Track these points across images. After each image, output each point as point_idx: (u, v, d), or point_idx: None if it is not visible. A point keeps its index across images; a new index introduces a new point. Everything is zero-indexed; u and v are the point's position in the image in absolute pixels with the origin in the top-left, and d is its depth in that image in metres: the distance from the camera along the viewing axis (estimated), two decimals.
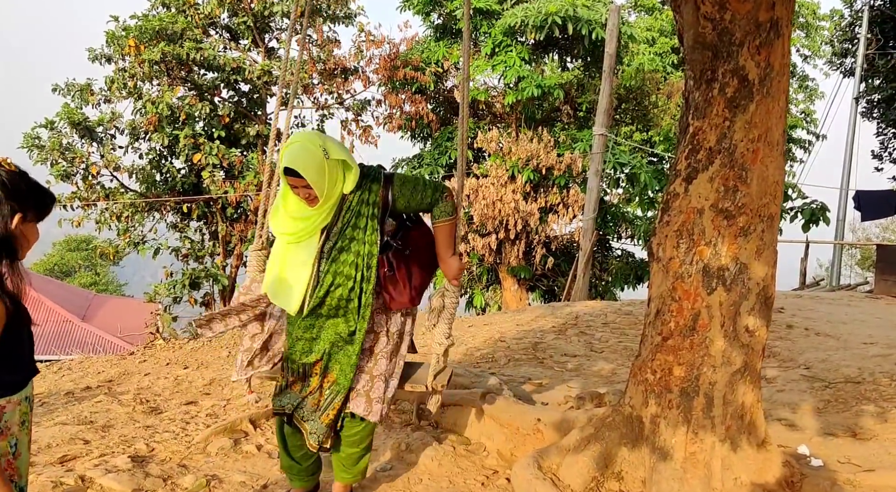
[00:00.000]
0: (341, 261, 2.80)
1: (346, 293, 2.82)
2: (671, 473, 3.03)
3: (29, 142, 13.95)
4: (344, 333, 2.87)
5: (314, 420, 2.93)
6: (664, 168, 16.23)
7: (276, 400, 3.02)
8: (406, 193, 2.88)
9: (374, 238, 2.81)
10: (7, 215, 1.77)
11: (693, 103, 3.13)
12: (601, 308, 8.36)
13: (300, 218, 2.81)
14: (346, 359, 2.90)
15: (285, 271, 2.87)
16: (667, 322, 3.15)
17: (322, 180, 2.70)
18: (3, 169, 1.80)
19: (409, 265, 2.94)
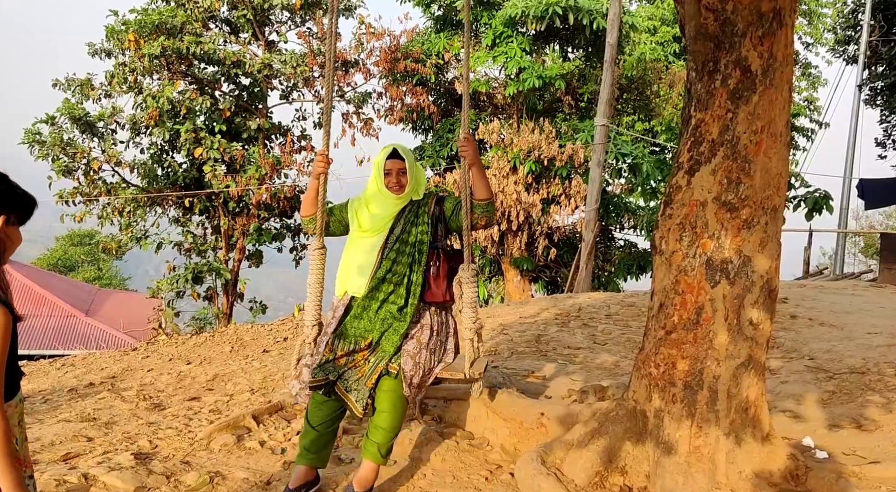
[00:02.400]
0: (400, 250, 3.34)
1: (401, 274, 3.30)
2: (675, 467, 3.02)
3: (30, 137, 13.92)
4: (395, 311, 3.27)
5: (358, 389, 3.18)
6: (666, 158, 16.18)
7: (317, 371, 3.21)
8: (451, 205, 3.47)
9: (426, 237, 3.37)
10: None
11: (695, 95, 3.11)
12: (604, 300, 8.34)
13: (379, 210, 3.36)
14: (394, 334, 3.25)
15: (358, 257, 3.38)
16: (670, 316, 3.13)
17: (413, 171, 3.35)
18: None
19: (448, 266, 3.43)
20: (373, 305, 3.30)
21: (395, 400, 3.20)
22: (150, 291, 15.28)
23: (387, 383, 3.20)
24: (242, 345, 7.37)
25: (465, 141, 3.38)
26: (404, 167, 3.33)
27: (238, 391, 5.25)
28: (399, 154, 3.34)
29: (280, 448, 3.88)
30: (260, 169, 14.41)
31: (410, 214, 3.39)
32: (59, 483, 3.25)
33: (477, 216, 3.41)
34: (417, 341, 3.28)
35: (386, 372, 3.21)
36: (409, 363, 3.21)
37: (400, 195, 3.34)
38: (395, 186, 3.34)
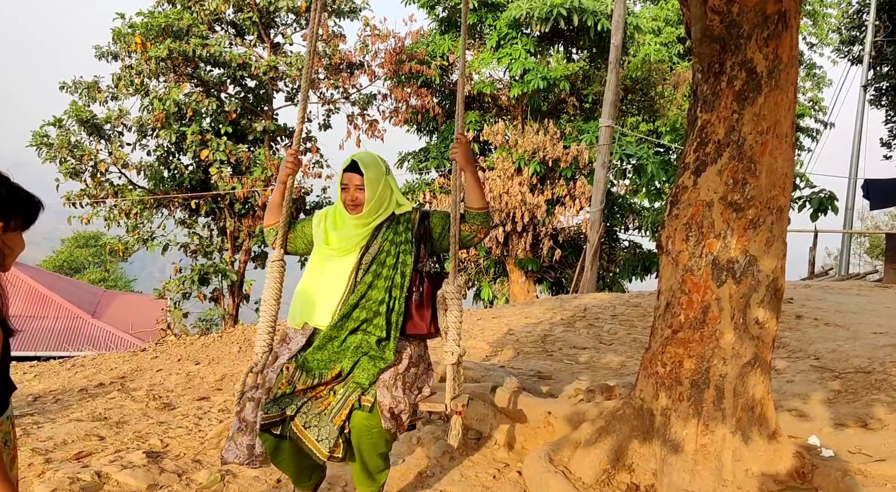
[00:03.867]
0: (377, 273, 2.87)
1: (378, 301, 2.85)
2: (682, 465, 3.05)
3: (38, 140, 14.00)
4: (372, 342, 2.82)
5: (324, 425, 2.70)
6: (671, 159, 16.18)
7: (269, 406, 2.71)
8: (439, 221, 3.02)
9: (409, 258, 2.90)
10: None
11: (701, 96, 3.14)
12: (610, 300, 8.37)
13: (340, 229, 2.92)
14: (371, 365, 2.78)
15: (324, 280, 2.91)
16: (677, 315, 3.16)
17: (376, 187, 2.83)
18: None
19: (433, 292, 2.96)
20: (341, 335, 2.83)
21: (376, 438, 2.74)
22: (157, 292, 15.35)
23: (360, 419, 2.71)
24: (250, 345, 7.42)
25: (457, 142, 3.01)
26: (361, 183, 2.81)
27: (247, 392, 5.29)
28: (358, 167, 2.82)
29: None
30: (266, 171, 14.46)
31: (389, 230, 2.92)
32: (72, 481, 3.29)
33: (472, 229, 2.97)
34: (395, 371, 2.82)
35: (358, 406, 2.72)
36: (386, 396, 2.74)
37: (354, 215, 2.86)
38: (350, 203, 2.86)
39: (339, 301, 2.86)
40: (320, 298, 2.90)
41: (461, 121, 3.20)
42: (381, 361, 2.79)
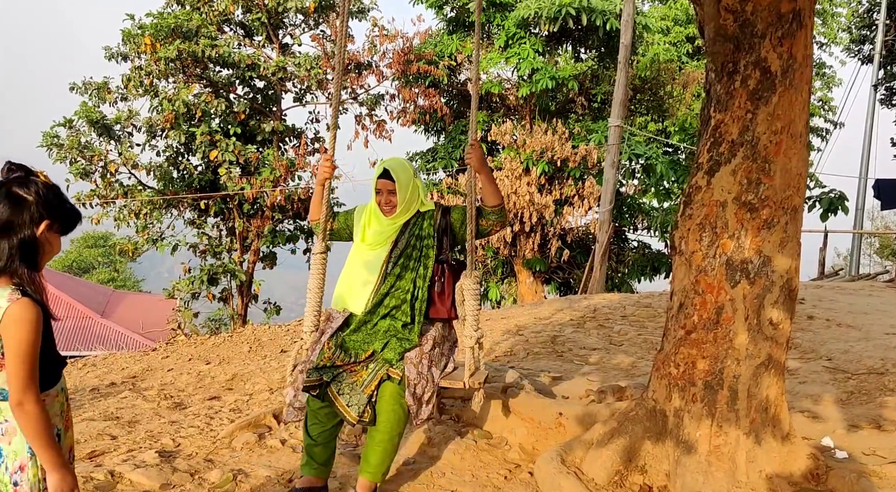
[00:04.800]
0: (404, 265, 3.26)
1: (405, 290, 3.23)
2: (696, 466, 3.04)
3: (48, 141, 14.07)
4: (398, 327, 3.21)
5: (354, 394, 3.08)
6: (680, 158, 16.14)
7: (311, 371, 3.13)
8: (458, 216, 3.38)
9: (432, 251, 3.29)
10: (35, 220, 1.90)
11: (714, 96, 3.13)
12: (619, 301, 8.35)
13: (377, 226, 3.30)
14: (398, 345, 3.16)
15: (360, 271, 3.30)
16: (690, 316, 3.15)
17: (406, 191, 3.24)
18: (39, 180, 1.94)
19: (453, 281, 3.36)
20: (373, 319, 3.23)
21: (396, 407, 3.09)
22: (167, 292, 15.40)
23: (389, 388, 3.10)
24: (260, 345, 7.44)
25: (471, 147, 3.32)
26: (394, 188, 3.23)
27: (257, 391, 5.31)
28: (389, 174, 3.24)
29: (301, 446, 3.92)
30: (274, 171, 14.50)
31: (415, 226, 3.32)
32: (86, 480, 3.30)
33: (489, 223, 3.35)
34: (420, 350, 3.19)
35: (387, 377, 3.12)
36: (412, 371, 3.12)
37: (390, 216, 3.27)
38: (384, 205, 3.27)
39: (372, 290, 3.24)
40: (357, 287, 3.29)
41: (475, 126, 3.55)
42: (406, 341, 3.18)
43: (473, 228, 3.30)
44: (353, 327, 3.23)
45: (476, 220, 3.32)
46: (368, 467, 3.16)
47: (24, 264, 1.88)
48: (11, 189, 1.89)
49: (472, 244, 3.34)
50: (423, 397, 3.12)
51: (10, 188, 1.90)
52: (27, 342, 1.84)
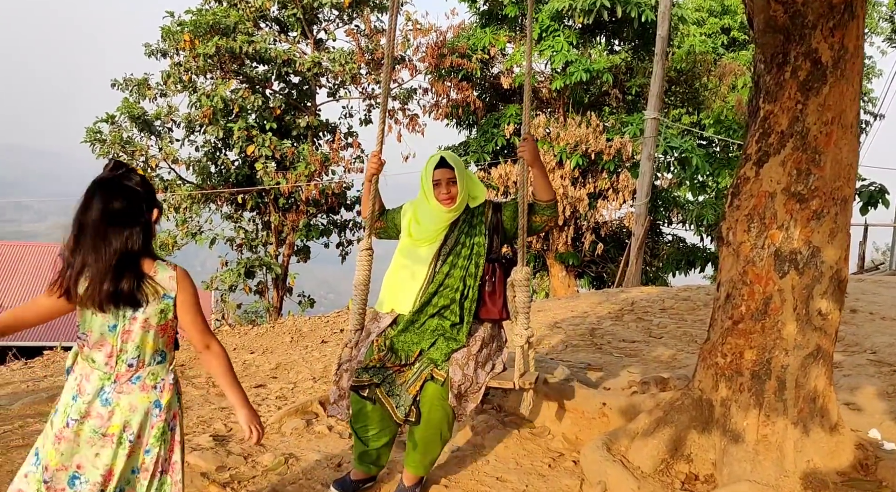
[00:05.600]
0: (453, 263, 3.17)
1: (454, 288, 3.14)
2: (743, 455, 3.06)
3: (91, 136, 14.41)
4: (447, 326, 3.12)
5: (401, 394, 3.02)
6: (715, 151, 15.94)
7: (360, 372, 3.08)
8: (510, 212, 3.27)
9: (483, 249, 3.18)
10: (147, 208, 2.15)
11: (763, 87, 3.13)
12: (657, 294, 8.33)
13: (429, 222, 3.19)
14: (445, 345, 3.09)
15: (407, 269, 3.22)
16: (737, 306, 3.16)
17: (464, 181, 3.14)
18: (137, 175, 2.16)
19: (504, 280, 3.23)
20: (421, 318, 3.14)
21: (440, 409, 3.02)
22: (205, 284, 15.69)
23: (431, 389, 3.02)
24: (301, 336, 7.57)
25: (524, 141, 3.18)
26: (454, 176, 3.11)
27: (301, 379, 5.42)
28: (448, 163, 3.12)
29: (348, 433, 4.01)
30: (309, 166, 14.67)
31: (465, 223, 3.20)
32: None
33: (542, 219, 3.23)
34: (467, 352, 3.09)
35: (431, 378, 3.04)
36: (457, 373, 3.03)
37: (451, 208, 3.14)
38: (445, 197, 3.13)
39: (419, 289, 3.16)
40: (403, 286, 3.20)
41: (528, 120, 3.47)
42: (454, 342, 3.10)
43: (525, 222, 3.18)
44: (402, 327, 3.16)
45: (528, 216, 3.21)
46: (412, 462, 3.15)
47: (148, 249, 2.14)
48: (122, 183, 2.11)
49: (523, 240, 3.21)
50: (467, 398, 3.05)
51: (122, 183, 2.11)
52: (197, 297, 2.21)
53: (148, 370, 2.17)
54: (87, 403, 2.13)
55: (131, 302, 2.09)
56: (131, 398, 2.15)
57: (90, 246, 2.06)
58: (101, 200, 2.07)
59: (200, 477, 3.32)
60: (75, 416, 2.12)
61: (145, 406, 2.16)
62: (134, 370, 2.15)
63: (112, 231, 2.06)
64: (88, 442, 2.13)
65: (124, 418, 2.14)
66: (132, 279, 2.08)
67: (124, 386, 2.14)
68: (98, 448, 2.13)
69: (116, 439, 2.13)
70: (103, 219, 2.06)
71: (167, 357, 2.22)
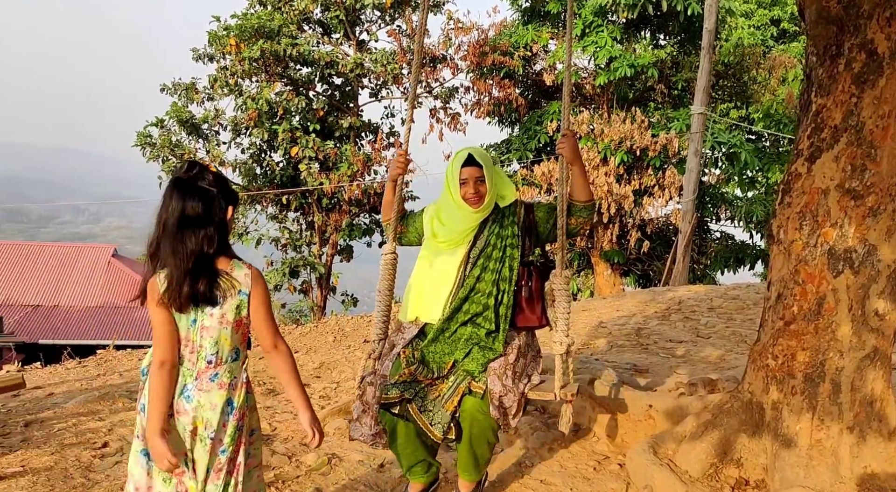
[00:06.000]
0: (484, 266, 2.95)
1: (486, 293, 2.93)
2: (796, 460, 2.96)
3: (142, 140, 14.78)
4: (482, 334, 2.91)
5: (437, 410, 2.84)
6: (765, 146, 15.56)
7: (389, 388, 2.86)
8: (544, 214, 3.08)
9: (516, 252, 2.97)
10: (224, 207, 2.20)
11: (816, 80, 3.02)
12: (705, 293, 8.15)
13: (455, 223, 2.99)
14: (480, 355, 2.88)
15: (434, 273, 3.02)
16: (789, 306, 3.06)
17: (492, 179, 2.93)
18: (210, 173, 2.20)
19: (541, 284, 3.03)
20: (452, 327, 2.93)
21: (482, 422, 2.83)
22: None
23: (471, 403, 2.82)
24: (344, 335, 7.63)
25: (564, 137, 3.00)
26: (482, 174, 2.91)
27: (344, 379, 5.45)
28: (475, 160, 2.91)
29: None
30: (352, 166, 14.79)
31: (495, 224, 2.99)
32: None
33: (578, 221, 3.01)
34: (504, 361, 2.89)
35: (469, 392, 2.84)
36: (496, 384, 2.83)
37: (479, 208, 2.94)
38: (472, 196, 2.92)
39: (448, 295, 2.96)
40: (430, 293, 3.00)
41: (568, 115, 3.25)
42: (490, 351, 2.89)
43: (564, 222, 2.98)
44: (432, 337, 2.93)
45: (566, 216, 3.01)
46: (466, 473, 3.03)
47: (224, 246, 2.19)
48: (197, 184, 2.16)
49: (563, 241, 3.01)
50: (511, 410, 2.85)
51: (196, 184, 2.16)
52: (269, 296, 2.25)
53: (225, 368, 2.21)
54: (175, 399, 2.20)
55: (209, 301, 2.15)
56: (210, 396, 2.19)
57: (169, 249, 2.13)
58: (177, 202, 2.13)
59: None
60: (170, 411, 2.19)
61: (222, 404, 2.20)
62: (213, 367, 2.19)
63: (187, 233, 2.12)
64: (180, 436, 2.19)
65: (205, 416, 2.19)
66: (208, 279, 2.14)
67: (204, 383, 2.19)
68: (189, 443, 2.19)
69: (199, 436, 2.19)
70: (179, 221, 2.12)
71: (241, 355, 2.25)
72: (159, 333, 2.17)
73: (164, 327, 2.16)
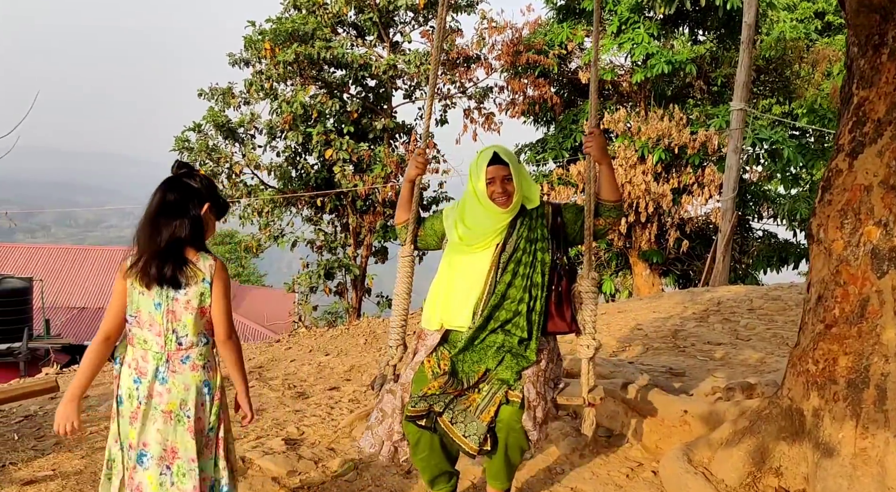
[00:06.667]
0: (514, 271, 2.84)
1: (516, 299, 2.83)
2: (839, 469, 2.82)
3: (180, 145, 15.01)
4: (514, 343, 2.82)
5: (469, 422, 2.75)
6: (809, 142, 15.12)
7: (416, 401, 2.78)
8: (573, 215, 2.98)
9: (547, 255, 2.87)
10: (200, 203, 2.42)
11: (857, 71, 2.88)
12: (745, 293, 7.93)
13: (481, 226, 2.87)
14: (514, 363, 2.79)
15: (461, 280, 2.91)
16: (830, 309, 2.92)
17: (520, 178, 2.84)
18: (198, 174, 2.47)
19: (569, 288, 2.93)
20: (482, 335, 2.83)
21: (519, 432, 2.76)
22: (287, 286, 16.08)
23: (508, 413, 2.75)
24: (375, 338, 7.61)
25: (591, 135, 2.90)
26: (509, 173, 2.80)
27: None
28: (501, 158, 2.81)
29: None
30: (385, 168, 14.80)
31: (523, 227, 2.87)
32: None
33: (606, 222, 2.93)
34: (537, 368, 2.82)
35: (506, 401, 2.76)
36: (531, 391, 2.77)
37: (508, 208, 2.82)
38: (500, 195, 2.81)
39: (477, 301, 2.84)
40: (457, 299, 2.88)
41: (595, 112, 3.14)
42: (523, 359, 2.79)
43: (592, 223, 2.90)
44: (462, 346, 2.83)
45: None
46: (498, 481, 2.96)
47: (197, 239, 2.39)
48: (182, 180, 2.43)
49: (590, 242, 2.93)
50: (543, 420, 2.82)
51: (181, 179, 2.43)
52: (229, 289, 2.44)
53: (196, 351, 2.39)
54: (148, 383, 2.35)
55: (173, 283, 2.34)
56: (184, 378, 2.37)
57: (147, 232, 2.37)
58: (160, 195, 2.39)
59: (271, 482, 3.34)
60: (143, 396, 2.35)
61: (197, 385, 2.38)
62: (184, 350, 2.37)
63: (163, 221, 2.35)
64: (151, 419, 2.34)
65: (180, 397, 2.35)
66: (175, 263, 2.34)
67: (176, 366, 2.37)
68: (160, 424, 2.34)
69: (175, 416, 2.35)
70: (158, 210, 2.37)
71: (210, 340, 2.45)
72: (112, 304, 2.41)
73: (118, 299, 2.40)
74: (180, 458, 2.35)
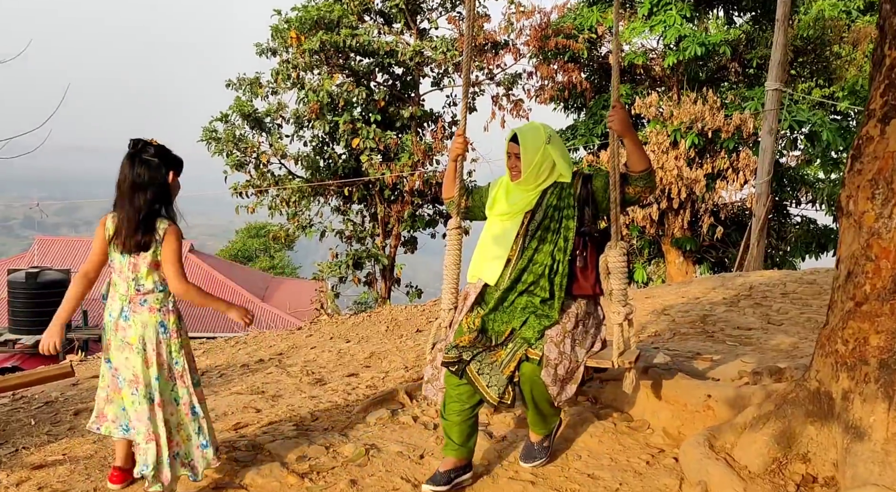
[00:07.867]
0: (542, 238, 3.12)
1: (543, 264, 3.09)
2: (870, 455, 2.65)
3: (207, 135, 15.10)
4: (537, 303, 3.08)
5: (494, 374, 3.03)
6: (850, 125, 14.63)
7: (449, 350, 3.10)
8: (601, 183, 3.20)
9: (572, 222, 3.10)
10: (165, 173, 2.86)
11: (890, 31, 2.69)
12: (779, 278, 7.66)
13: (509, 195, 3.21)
14: (537, 322, 3.04)
15: (492, 245, 3.21)
16: (861, 285, 2.74)
17: (532, 156, 3.09)
18: (152, 147, 2.83)
19: (597, 254, 3.18)
20: (510, 297, 3.12)
21: (542, 387, 3.03)
22: (315, 275, 16.13)
23: (529, 369, 3.02)
24: (397, 325, 7.53)
25: (613, 110, 3.13)
26: (518, 151, 3.12)
27: (393, 368, 5.34)
28: (516, 138, 3.13)
29: (433, 424, 3.87)
30: (413, 156, 14.72)
31: (552, 196, 3.14)
32: (230, 449, 3.44)
33: (636, 190, 3.13)
34: (561, 328, 3.05)
35: (526, 358, 3.02)
36: (553, 351, 3.00)
37: (517, 181, 3.15)
38: (512, 169, 3.17)
39: (507, 260, 3.13)
40: (491, 257, 3.19)
41: (617, 87, 3.39)
42: (546, 318, 3.04)
43: (618, 195, 3.09)
44: (491, 306, 3.12)
45: (621, 187, 3.10)
46: (537, 427, 3.26)
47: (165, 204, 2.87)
48: (142, 157, 2.79)
49: (616, 213, 3.13)
50: (566, 378, 3.03)
51: (142, 156, 2.79)
52: (177, 249, 2.88)
53: (153, 296, 2.89)
54: (115, 319, 2.90)
55: (144, 248, 2.84)
56: (142, 317, 2.87)
57: (126, 205, 2.81)
58: (128, 170, 2.81)
59: (280, 467, 3.28)
60: (111, 330, 2.90)
61: (154, 324, 2.87)
62: (142, 295, 2.88)
63: (138, 193, 2.79)
64: (119, 348, 2.88)
65: (139, 332, 2.85)
66: (147, 232, 2.82)
67: (137, 307, 2.87)
68: (127, 353, 2.86)
69: (136, 348, 2.84)
70: (131, 185, 2.80)
71: (166, 288, 2.91)
72: (92, 253, 2.92)
73: (98, 255, 2.91)
74: (140, 383, 2.83)
